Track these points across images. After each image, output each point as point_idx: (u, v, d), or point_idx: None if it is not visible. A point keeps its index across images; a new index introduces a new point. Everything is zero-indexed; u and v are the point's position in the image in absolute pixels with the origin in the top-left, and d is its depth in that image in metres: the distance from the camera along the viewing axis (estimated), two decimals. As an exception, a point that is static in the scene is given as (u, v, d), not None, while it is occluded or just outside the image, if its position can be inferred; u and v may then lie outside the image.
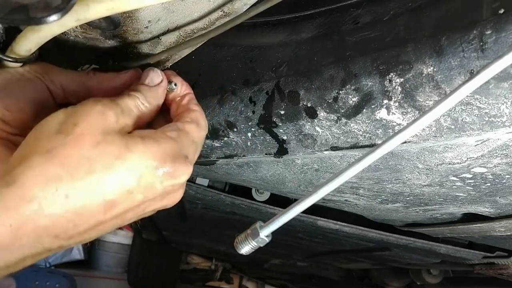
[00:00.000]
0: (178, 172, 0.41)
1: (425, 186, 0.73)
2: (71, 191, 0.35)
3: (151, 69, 0.49)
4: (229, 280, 4.03)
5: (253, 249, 0.49)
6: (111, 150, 0.37)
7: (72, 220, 0.36)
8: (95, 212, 0.37)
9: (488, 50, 0.42)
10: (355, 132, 0.56)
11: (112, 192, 0.37)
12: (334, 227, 1.24)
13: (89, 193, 0.36)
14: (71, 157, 0.36)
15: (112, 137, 0.38)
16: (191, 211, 1.47)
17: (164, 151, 0.40)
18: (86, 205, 0.36)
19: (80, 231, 0.38)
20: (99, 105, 0.39)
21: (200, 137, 0.46)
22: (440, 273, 2.11)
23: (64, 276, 2.29)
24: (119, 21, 0.46)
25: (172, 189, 0.42)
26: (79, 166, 0.36)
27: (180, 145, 0.42)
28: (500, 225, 0.87)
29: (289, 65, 0.58)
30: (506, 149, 0.53)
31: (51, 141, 0.36)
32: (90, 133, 0.37)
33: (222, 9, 0.53)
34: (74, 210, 0.36)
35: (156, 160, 0.39)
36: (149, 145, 0.39)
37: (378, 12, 0.53)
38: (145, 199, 0.40)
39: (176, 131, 0.43)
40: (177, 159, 0.40)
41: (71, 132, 0.36)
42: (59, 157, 0.35)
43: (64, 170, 0.35)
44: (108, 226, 0.40)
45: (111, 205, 0.38)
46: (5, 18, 0.31)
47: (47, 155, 0.35)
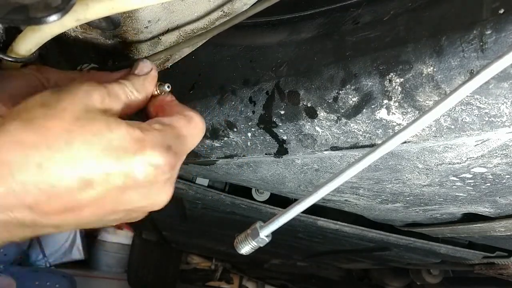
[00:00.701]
0: (159, 163, 0.39)
1: (425, 186, 0.73)
2: (45, 161, 0.35)
3: (141, 60, 0.49)
4: (229, 280, 4.03)
5: (253, 249, 0.49)
6: (91, 126, 0.37)
7: (45, 192, 0.35)
8: (70, 188, 0.36)
9: (488, 50, 0.42)
10: (355, 132, 0.56)
11: (88, 170, 0.36)
12: (334, 227, 1.24)
13: (64, 166, 0.35)
14: (50, 128, 0.35)
15: (94, 114, 0.38)
16: (191, 211, 1.47)
17: (145, 138, 0.39)
18: (60, 178, 0.35)
19: (55, 208, 0.37)
20: (85, 85, 0.39)
21: (189, 133, 0.45)
22: (440, 273, 2.11)
23: (64, 276, 2.29)
24: (119, 21, 0.46)
25: (155, 180, 0.40)
26: (57, 137, 0.35)
27: (163, 135, 0.41)
28: (500, 225, 0.87)
29: (289, 65, 0.58)
30: (506, 149, 0.53)
31: (32, 112, 0.36)
32: (72, 108, 0.37)
33: (222, 9, 0.53)
34: (47, 181, 0.35)
35: (137, 145, 0.38)
36: (131, 130, 0.38)
37: (378, 12, 0.53)
38: (125, 186, 0.39)
39: (161, 124, 0.42)
40: (157, 147, 0.39)
41: (54, 106, 0.37)
42: (38, 126, 0.35)
43: (40, 138, 0.35)
44: (87, 213, 0.39)
45: (87, 183, 0.37)
46: (5, 18, 0.31)
47: (26, 123, 0.35)
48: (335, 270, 2.96)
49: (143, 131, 0.39)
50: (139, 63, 0.49)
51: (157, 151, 0.39)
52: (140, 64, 0.49)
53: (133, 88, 0.45)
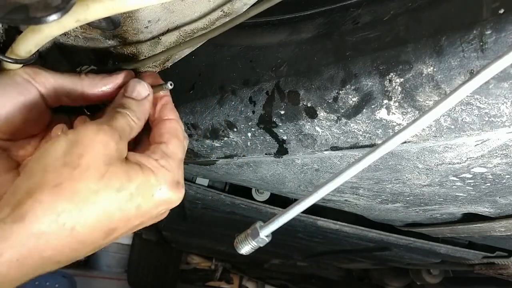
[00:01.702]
0: (174, 199, 0.44)
1: (425, 186, 0.73)
2: (77, 224, 0.37)
3: (137, 82, 0.49)
4: (229, 280, 4.03)
5: (253, 249, 0.49)
6: (115, 182, 0.39)
7: (75, 249, 0.38)
8: (97, 239, 0.40)
9: (488, 50, 0.42)
10: (355, 132, 0.56)
11: (113, 221, 0.40)
12: (334, 227, 1.24)
13: (93, 224, 0.38)
14: (79, 191, 0.37)
15: (115, 167, 0.39)
16: (191, 211, 1.47)
17: (160, 181, 0.42)
18: (90, 235, 0.38)
19: (78, 255, 0.40)
20: (101, 134, 0.40)
21: (183, 151, 0.48)
22: (440, 273, 2.11)
23: (63, 276, 2.29)
24: (119, 21, 0.46)
25: (166, 212, 0.46)
26: (86, 200, 0.37)
27: (172, 172, 0.44)
28: (500, 225, 0.87)
29: (289, 65, 0.58)
30: (506, 149, 0.53)
31: (58, 174, 0.37)
32: (95, 165, 0.38)
33: (222, 9, 0.53)
34: (77, 240, 0.38)
35: (155, 190, 0.42)
36: (147, 174, 0.41)
37: (378, 12, 0.53)
38: (140, 224, 0.43)
39: (165, 158, 0.44)
40: (172, 187, 0.43)
41: (77, 165, 0.38)
42: (67, 191, 0.37)
43: (72, 204, 0.36)
44: (102, 247, 0.43)
45: (111, 232, 0.40)
46: (5, 17, 0.31)
47: (56, 189, 0.36)
48: (335, 270, 2.96)
49: (156, 174, 0.42)
50: (136, 85, 0.48)
51: (172, 191, 0.44)
52: (137, 87, 0.48)
53: (135, 117, 0.46)
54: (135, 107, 0.47)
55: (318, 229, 1.29)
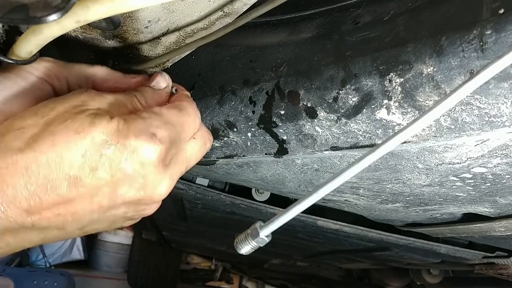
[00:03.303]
0: (142, 147, 0.39)
1: (425, 186, 0.73)
2: (31, 163, 0.36)
3: (160, 73, 0.50)
4: (229, 280, 4.03)
5: (253, 249, 0.49)
6: (75, 125, 0.37)
7: (35, 193, 0.36)
8: (58, 186, 0.37)
9: (488, 50, 0.42)
10: (355, 132, 0.56)
11: (73, 167, 0.37)
12: (334, 227, 1.24)
13: (49, 166, 0.36)
14: (36, 134, 0.37)
15: (80, 115, 0.38)
16: (191, 211, 1.47)
17: (129, 128, 0.39)
18: (47, 178, 0.36)
19: (48, 207, 0.37)
20: (84, 94, 0.40)
21: (179, 121, 0.44)
22: (440, 273, 2.11)
23: (62, 274, 2.29)
24: (119, 21, 0.46)
25: (145, 172, 0.40)
26: (41, 140, 0.36)
27: (148, 123, 0.40)
28: (500, 225, 0.87)
29: (289, 65, 0.58)
30: (506, 149, 0.53)
31: (25, 119, 0.38)
32: (62, 115, 0.38)
33: (222, 9, 0.53)
34: (35, 182, 0.36)
35: (119, 136, 0.38)
36: (114, 122, 0.38)
37: (378, 12, 0.53)
38: (113, 179, 0.39)
39: (149, 112, 0.42)
40: (140, 134, 0.39)
41: (45, 115, 0.38)
42: (26, 134, 0.37)
43: (26, 144, 0.36)
44: (81, 209, 0.39)
45: (74, 180, 0.37)
46: (5, 17, 0.31)
47: (16, 132, 0.37)
48: (335, 270, 2.96)
49: (127, 121, 0.39)
50: (157, 75, 0.49)
51: (140, 139, 0.39)
52: (158, 77, 0.49)
53: (143, 100, 0.45)
54: (148, 93, 0.46)
55: (318, 229, 1.29)
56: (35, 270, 2.32)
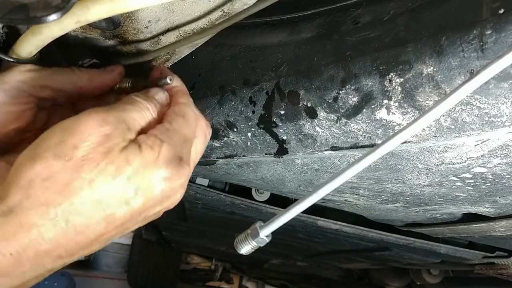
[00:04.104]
0: (175, 176, 0.40)
1: (425, 186, 0.73)
2: (70, 216, 0.35)
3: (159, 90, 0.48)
4: (229, 280, 4.03)
5: (253, 249, 0.49)
6: (111, 168, 0.37)
7: (73, 240, 0.36)
8: (96, 228, 0.37)
9: (488, 50, 0.42)
10: (355, 132, 0.56)
11: (111, 207, 0.37)
12: (334, 227, 1.24)
13: (87, 213, 0.36)
14: (69, 183, 0.35)
15: (113, 155, 0.37)
16: (191, 211, 1.47)
17: (158, 158, 0.39)
18: (87, 225, 0.37)
19: (82, 247, 0.38)
20: (105, 127, 0.38)
21: (190, 130, 0.45)
22: (440, 273, 2.11)
23: (62, 274, 2.29)
24: (119, 21, 0.46)
25: (171, 192, 0.42)
26: (79, 190, 0.35)
27: (172, 147, 0.41)
28: (500, 225, 0.87)
29: (289, 65, 0.58)
30: (506, 149, 0.53)
31: (48, 166, 0.35)
32: (92, 156, 0.36)
33: (222, 9, 0.53)
34: (74, 231, 0.36)
35: (153, 168, 0.39)
36: (145, 152, 0.39)
37: (378, 12, 0.53)
38: (144, 206, 0.40)
39: (165, 133, 0.42)
40: (172, 163, 0.40)
41: (70, 157, 0.36)
42: (57, 184, 0.35)
43: (62, 197, 0.35)
44: (110, 236, 0.40)
45: (111, 218, 0.38)
46: (5, 17, 0.31)
47: (45, 183, 0.35)
48: (335, 270, 2.96)
49: (153, 149, 0.39)
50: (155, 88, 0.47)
51: (172, 167, 0.40)
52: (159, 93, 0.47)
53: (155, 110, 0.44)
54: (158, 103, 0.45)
55: (318, 229, 1.29)
56: (35, 270, 2.32)
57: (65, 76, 0.47)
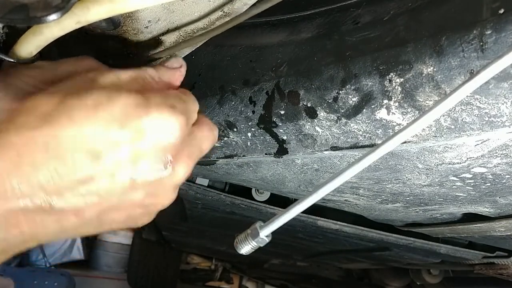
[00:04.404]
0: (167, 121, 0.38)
1: (425, 186, 0.73)
2: (50, 139, 0.34)
3: (174, 57, 0.50)
4: (229, 280, 4.03)
5: (253, 249, 0.49)
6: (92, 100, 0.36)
7: (55, 170, 0.35)
8: (80, 162, 0.35)
9: (488, 50, 0.42)
10: (355, 132, 0.56)
11: (94, 142, 0.36)
12: (334, 227, 1.24)
13: (69, 141, 0.35)
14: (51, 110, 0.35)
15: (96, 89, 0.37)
16: (191, 211, 1.47)
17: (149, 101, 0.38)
18: (68, 154, 0.35)
19: (69, 184, 0.36)
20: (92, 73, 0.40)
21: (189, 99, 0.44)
22: (440, 273, 2.11)
23: (62, 274, 2.29)
24: (119, 21, 0.46)
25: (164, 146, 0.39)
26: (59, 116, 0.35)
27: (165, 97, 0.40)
28: (500, 225, 0.87)
29: (289, 65, 0.58)
30: (506, 149, 0.53)
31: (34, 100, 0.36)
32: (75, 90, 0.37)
33: (222, 9, 0.53)
34: (54, 156, 0.34)
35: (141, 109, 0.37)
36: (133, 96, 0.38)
37: (378, 12, 0.53)
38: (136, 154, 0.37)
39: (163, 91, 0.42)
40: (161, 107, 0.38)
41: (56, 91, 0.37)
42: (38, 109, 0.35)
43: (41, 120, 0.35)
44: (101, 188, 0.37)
45: (97, 155, 0.36)
46: (5, 17, 0.31)
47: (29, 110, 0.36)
48: (335, 270, 2.96)
49: (144, 94, 0.38)
50: (171, 58, 0.49)
51: (163, 111, 0.38)
52: (172, 59, 0.49)
53: (157, 77, 0.44)
54: (161, 70, 0.45)
55: (318, 229, 1.29)
56: (35, 270, 2.32)
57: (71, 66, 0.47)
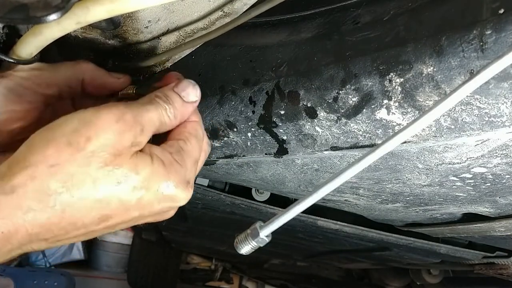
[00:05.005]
0: (179, 197, 0.41)
1: (425, 186, 0.73)
2: (67, 207, 0.35)
3: (191, 83, 0.45)
4: (229, 280, 4.03)
5: (253, 249, 0.48)
6: (118, 173, 0.37)
7: (64, 229, 0.37)
8: (89, 224, 0.38)
9: (488, 50, 0.42)
10: (355, 132, 0.56)
11: (108, 209, 0.38)
12: (334, 227, 1.24)
13: (85, 209, 0.36)
14: (75, 175, 0.35)
15: (123, 159, 0.37)
16: (191, 211, 1.47)
17: (170, 176, 0.40)
18: (81, 218, 0.37)
19: (70, 237, 0.38)
20: (120, 123, 0.37)
21: (199, 151, 0.45)
22: (440, 273, 2.11)
23: (62, 274, 2.28)
24: (119, 21, 0.46)
25: (168, 209, 0.43)
26: (82, 185, 0.35)
27: (184, 169, 0.41)
28: (500, 225, 0.87)
29: (289, 65, 0.58)
30: (506, 149, 0.53)
31: (59, 152, 0.35)
32: (101, 153, 0.36)
33: (222, 9, 0.53)
34: (68, 222, 0.36)
35: (161, 184, 0.39)
36: (157, 166, 0.39)
37: (378, 12, 0.53)
38: (140, 216, 0.41)
39: (180, 154, 0.42)
40: (181, 185, 0.41)
41: (82, 148, 0.35)
42: (63, 173, 0.35)
43: (65, 187, 0.35)
44: (97, 234, 0.41)
45: (106, 218, 0.38)
46: (5, 17, 0.31)
47: (51, 169, 0.35)
48: (335, 270, 2.96)
49: (166, 167, 0.39)
50: (189, 86, 0.45)
51: (179, 188, 0.40)
52: (189, 88, 0.45)
53: (172, 115, 0.43)
54: (178, 104, 0.43)
55: (318, 229, 1.29)
56: (35, 270, 2.32)
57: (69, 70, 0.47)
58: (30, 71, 0.44)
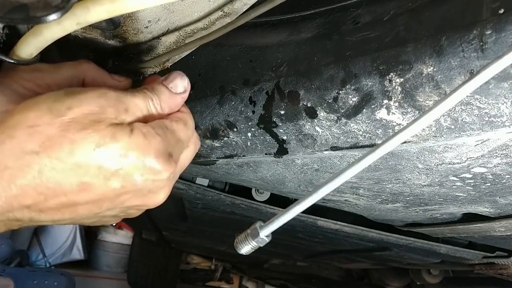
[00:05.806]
0: (160, 168, 0.40)
1: (425, 186, 0.73)
2: (44, 168, 0.36)
3: (179, 74, 0.46)
4: (229, 280, 4.03)
5: (253, 249, 0.49)
6: (96, 137, 0.37)
7: (43, 193, 0.37)
8: (68, 191, 0.37)
9: (488, 50, 0.42)
10: (355, 132, 0.56)
11: (87, 176, 0.37)
12: (334, 227, 1.24)
13: (63, 173, 0.36)
14: (54, 137, 0.36)
15: (101, 126, 0.37)
16: (191, 211, 1.47)
17: (149, 146, 0.39)
18: (58, 183, 0.37)
19: (51, 206, 0.38)
20: (102, 98, 0.38)
21: (186, 136, 0.45)
22: (440, 273, 2.11)
23: (62, 274, 2.28)
24: (119, 21, 0.46)
25: (153, 186, 0.42)
26: (59, 147, 0.36)
27: (165, 142, 0.41)
28: (500, 225, 0.87)
29: (289, 65, 0.58)
30: (506, 149, 0.53)
31: (39, 117, 0.36)
32: (81, 120, 0.37)
33: (222, 9, 0.53)
34: (45, 185, 0.36)
35: (139, 153, 0.39)
36: (136, 137, 0.39)
37: (378, 12, 0.53)
38: (122, 189, 0.40)
39: (163, 128, 0.42)
40: (160, 155, 0.40)
41: (62, 114, 0.37)
42: (41, 134, 0.36)
43: (42, 147, 0.36)
44: (83, 210, 0.40)
45: (85, 187, 0.38)
46: (5, 17, 0.31)
47: (30, 130, 0.36)
48: (335, 270, 2.96)
49: (146, 137, 0.39)
50: (176, 76, 0.46)
51: (160, 159, 0.40)
52: (177, 79, 0.46)
53: (159, 105, 0.43)
54: (165, 96, 0.44)
55: (318, 229, 1.29)
56: (35, 270, 2.32)
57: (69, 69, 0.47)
58: (30, 72, 0.44)
